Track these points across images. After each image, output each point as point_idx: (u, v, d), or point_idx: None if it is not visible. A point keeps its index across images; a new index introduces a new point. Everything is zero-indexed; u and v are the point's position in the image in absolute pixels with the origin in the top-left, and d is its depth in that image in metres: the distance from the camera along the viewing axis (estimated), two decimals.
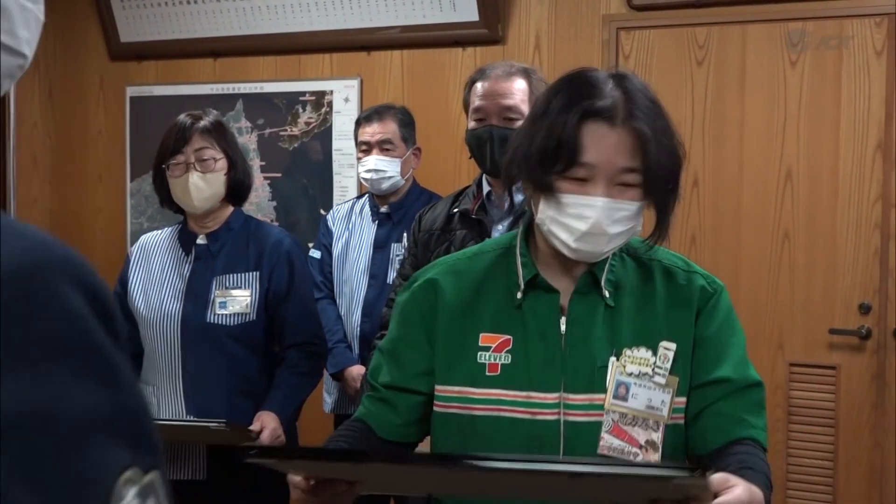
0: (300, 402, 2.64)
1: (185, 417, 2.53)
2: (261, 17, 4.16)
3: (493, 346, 1.49)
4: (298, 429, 2.70)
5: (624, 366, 1.46)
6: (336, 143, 4.14)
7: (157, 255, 2.67)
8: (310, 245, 3.61)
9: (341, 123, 4.11)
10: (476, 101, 2.43)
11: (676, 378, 1.47)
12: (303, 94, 4.19)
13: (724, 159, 3.53)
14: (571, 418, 1.45)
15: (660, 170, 1.41)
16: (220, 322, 2.55)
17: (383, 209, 3.36)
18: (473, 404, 1.48)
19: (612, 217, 1.41)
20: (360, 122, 3.41)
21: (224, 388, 2.55)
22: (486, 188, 2.49)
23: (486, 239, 2.00)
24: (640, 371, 1.46)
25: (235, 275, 2.59)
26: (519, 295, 1.50)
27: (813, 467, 3.43)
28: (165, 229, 2.74)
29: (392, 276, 3.12)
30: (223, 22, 4.23)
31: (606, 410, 1.45)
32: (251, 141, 4.26)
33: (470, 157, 2.50)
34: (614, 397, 1.45)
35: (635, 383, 1.45)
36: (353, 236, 3.40)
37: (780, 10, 3.45)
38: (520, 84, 2.41)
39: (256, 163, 4.23)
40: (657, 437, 1.45)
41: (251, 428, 2.43)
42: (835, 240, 3.39)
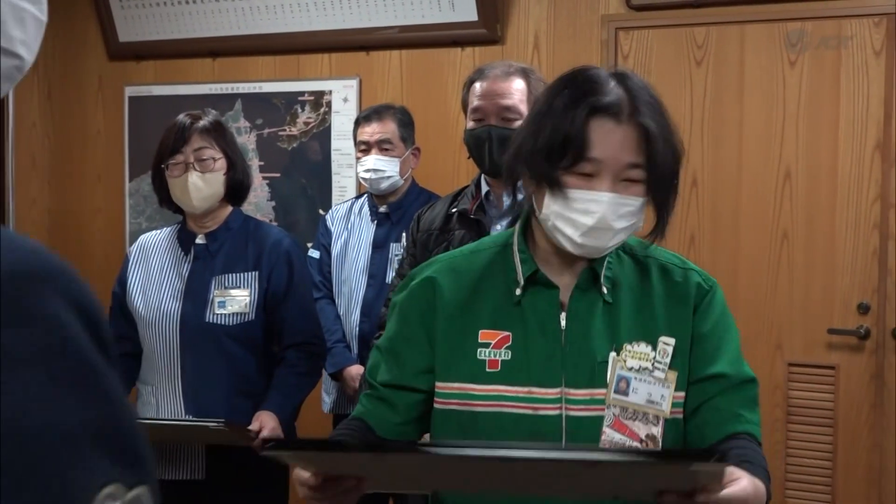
0: (299, 401, 2.64)
1: (184, 417, 2.53)
2: (259, 17, 4.16)
3: (493, 342, 1.50)
4: (297, 428, 2.70)
5: (624, 360, 1.47)
6: (335, 143, 4.14)
7: (156, 254, 2.67)
8: (308, 245, 3.60)
9: (340, 123, 4.11)
10: (474, 101, 2.43)
11: (675, 373, 1.48)
12: (301, 93, 4.19)
13: (723, 159, 3.53)
14: (573, 413, 1.46)
15: (664, 166, 1.43)
16: (218, 322, 2.55)
17: (382, 209, 3.36)
18: (474, 400, 1.49)
19: (618, 212, 1.42)
20: (360, 121, 3.41)
21: (223, 387, 2.55)
22: (484, 188, 2.49)
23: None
24: (639, 366, 1.47)
25: (234, 274, 2.59)
26: (518, 291, 1.51)
27: (812, 467, 3.43)
28: (164, 229, 2.74)
29: (391, 276, 3.12)
30: (222, 22, 4.23)
31: (608, 405, 1.46)
32: (250, 141, 4.26)
33: (468, 157, 2.50)
34: (615, 392, 1.46)
35: (635, 378, 1.46)
36: (352, 236, 3.40)
37: (779, 10, 3.45)
38: (518, 84, 2.41)
39: (255, 163, 4.23)
40: (657, 432, 1.46)
41: (250, 427, 2.43)
42: (833, 240, 3.39)
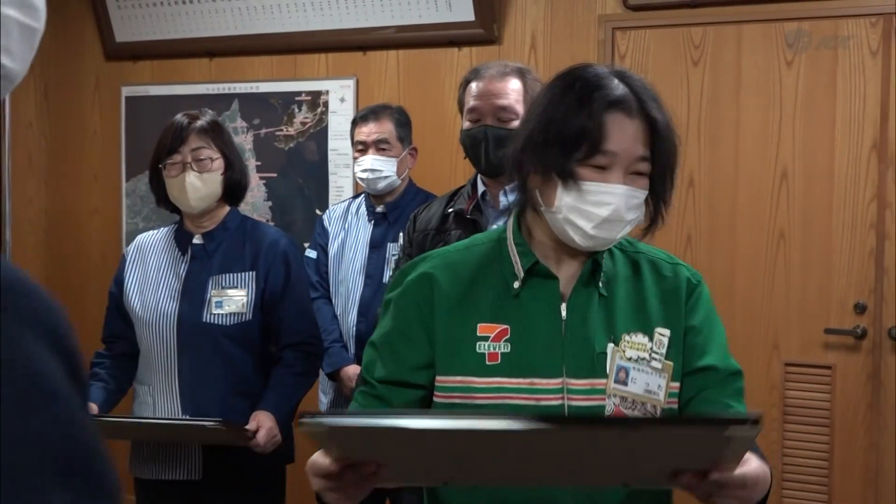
0: (296, 401, 2.63)
1: (181, 417, 2.53)
2: (256, 17, 4.16)
3: (492, 335, 1.51)
4: (294, 428, 2.70)
5: (623, 351, 1.50)
6: (332, 143, 4.14)
7: (153, 254, 2.66)
8: (305, 245, 3.60)
9: (337, 123, 4.11)
10: (471, 101, 2.43)
11: (671, 364, 1.51)
12: (299, 94, 4.18)
13: (720, 159, 3.53)
14: (574, 403, 1.48)
15: (669, 158, 1.48)
16: (216, 322, 2.55)
17: (379, 209, 3.36)
18: (476, 393, 1.50)
19: (629, 204, 1.46)
20: (357, 121, 3.41)
21: (220, 387, 2.54)
22: (480, 188, 2.49)
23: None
24: (638, 356, 1.50)
25: (231, 274, 2.59)
26: (516, 284, 1.52)
27: (808, 467, 3.43)
28: (161, 229, 2.74)
29: (388, 276, 3.12)
30: (219, 22, 4.23)
31: (608, 395, 1.48)
32: (247, 141, 4.26)
33: (465, 157, 2.50)
34: (615, 381, 1.49)
35: (634, 368, 1.50)
36: (349, 236, 3.40)
37: (776, 10, 3.45)
38: (514, 84, 2.41)
39: (252, 163, 4.23)
40: None
41: (247, 427, 2.43)
42: (830, 240, 3.40)
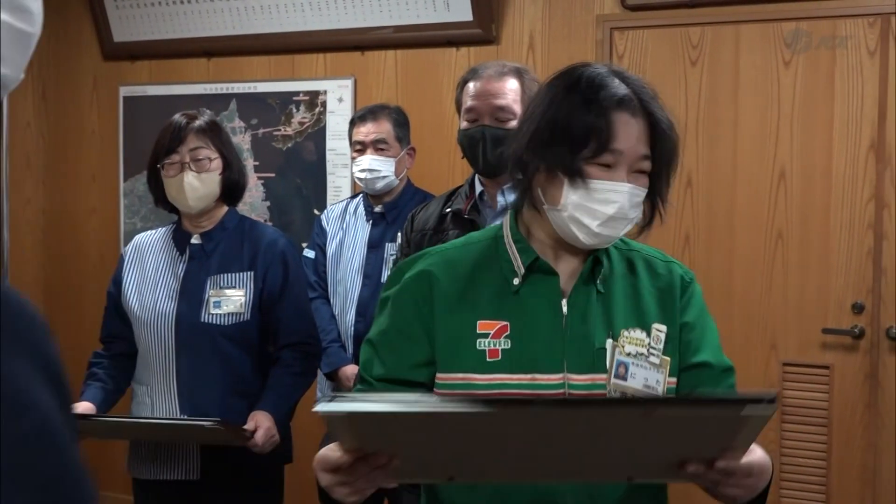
0: (294, 401, 2.63)
1: (180, 417, 2.53)
2: (254, 17, 4.16)
3: (492, 332, 1.51)
4: (293, 428, 2.70)
5: (623, 346, 1.51)
6: (330, 143, 4.14)
7: (151, 254, 2.66)
8: (304, 245, 3.60)
9: (335, 123, 4.11)
10: (468, 101, 2.43)
11: (668, 359, 1.53)
12: (296, 93, 4.18)
13: (718, 159, 3.53)
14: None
15: (669, 156, 1.50)
16: (214, 322, 2.55)
17: (377, 209, 3.36)
18: (477, 390, 1.50)
19: (632, 202, 1.48)
20: (355, 121, 3.41)
21: (218, 387, 2.54)
22: (478, 188, 2.49)
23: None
24: (636, 351, 1.51)
25: (230, 274, 2.59)
26: (516, 281, 1.53)
27: (806, 467, 3.43)
28: (160, 229, 2.74)
29: (386, 276, 3.12)
30: (216, 22, 4.23)
31: (608, 390, 1.49)
32: (245, 141, 4.26)
33: (462, 157, 2.50)
34: (615, 377, 1.50)
35: (633, 363, 1.51)
36: (348, 236, 3.39)
37: (774, 11, 3.45)
38: (512, 84, 2.41)
39: (250, 163, 4.23)
40: None
41: (245, 427, 2.43)
42: (828, 240, 3.40)
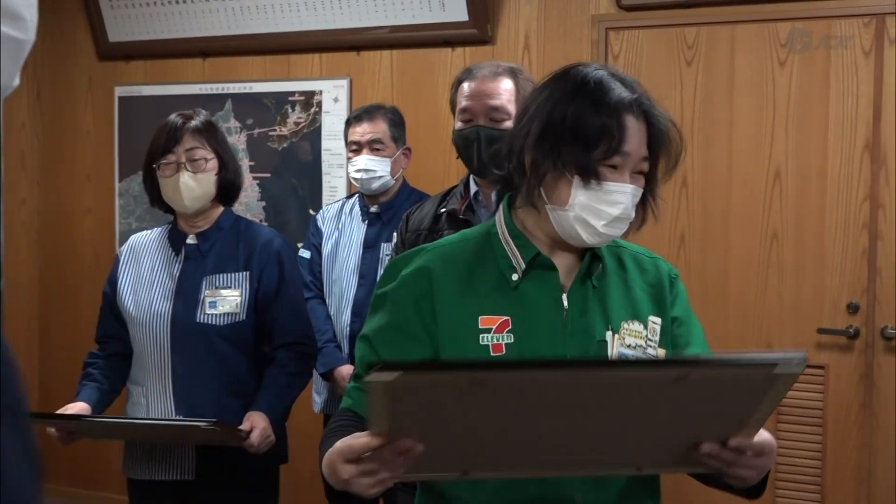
0: (290, 402, 2.63)
1: (175, 417, 2.52)
2: (250, 17, 4.16)
3: (494, 327, 1.51)
4: (288, 428, 2.70)
5: (623, 338, 1.52)
6: (325, 143, 4.13)
7: (146, 254, 2.66)
8: (299, 245, 3.60)
9: (331, 123, 4.11)
10: (463, 102, 2.42)
11: (664, 351, 1.56)
12: (292, 94, 4.18)
13: (713, 159, 3.54)
14: None
15: (673, 158, 1.53)
16: (209, 322, 2.54)
17: (373, 209, 3.36)
18: None
19: (633, 202, 1.50)
20: (350, 121, 3.41)
21: (213, 388, 2.54)
22: (473, 188, 2.49)
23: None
24: (636, 343, 1.53)
25: (225, 275, 2.58)
26: (515, 277, 1.53)
27: (801, 466, 3.44)
28: (155, 229, 2.73)
29: None
30: (212, 22, 4.22)
31: None
32: (240, 141, 4.26)
33: (457, 158, 2.50)
34: None
35: (633, 355, 1.53)
36: (343, 236, 3.39)
37: (770, 11, 3.46)
38: (506, 84, 2.41)
39: (245, 163, 4.23)
40: None
41: (241, 428, 2.43)
42: (823, 240, 3.41)
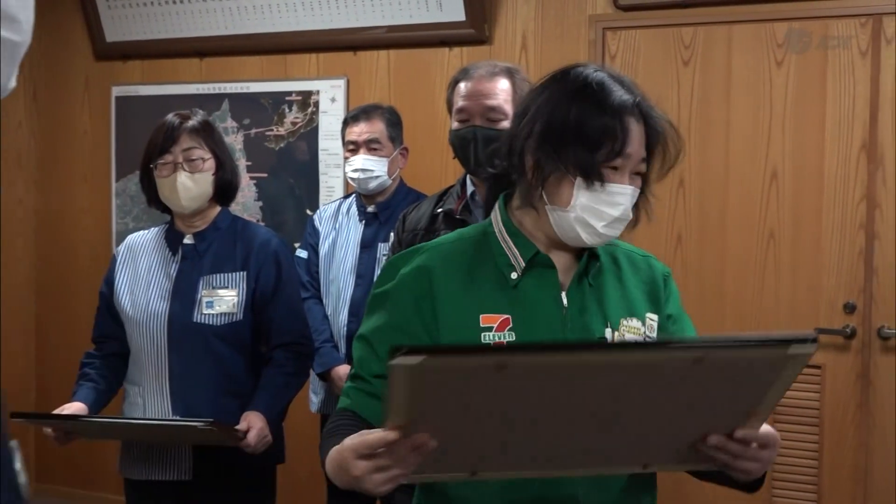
0: (287, 402, 2.63)
1: (172, 417, 2.52)
2: (247, 17, 4.16)
3: (495, 325, 1.51)
4: (285, 428, 2.70)
5: (623, 335, 1.53)
6: (322, 143, 4.13)
7: (143, 254, 2.66)
8: (296, 245, 3.60)
9: (328, 123, 4.11)
10: (459, 102, 2.42)
11: None
12: (289, 93, 4.18)
13: (710, 159, 3.54)
14: None
15: (672, 159, 1.53)
16: (206, 322, 2.54)
17: (370, 209, 3.36)
18: None
19: (631, 203, 1.51)
20: (348, 121, 3.41)
21: (210, 388, 2.54)
22: (469, 188, 2.49)
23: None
24: (634, 339, 1.53)
25: (222, 275, 2.58)
26: (514, 275, 1.53)
27: (798, 466, 3.44)
28: (152, 229, 2.73)
29: None
30: (209, 22, 4.22)
31: None
32: (237, 141, 4.25)
33: (454, 158, 2.50)
34: None
35: None
36: (340, 236, 3.39)
37: (766, 11, 3.46)
38: (503, 84, 2.41)
39: (242, 163, 4.23)
40: None
41: (238, 428, 2.43)
42: (820, 240, 3.41)
